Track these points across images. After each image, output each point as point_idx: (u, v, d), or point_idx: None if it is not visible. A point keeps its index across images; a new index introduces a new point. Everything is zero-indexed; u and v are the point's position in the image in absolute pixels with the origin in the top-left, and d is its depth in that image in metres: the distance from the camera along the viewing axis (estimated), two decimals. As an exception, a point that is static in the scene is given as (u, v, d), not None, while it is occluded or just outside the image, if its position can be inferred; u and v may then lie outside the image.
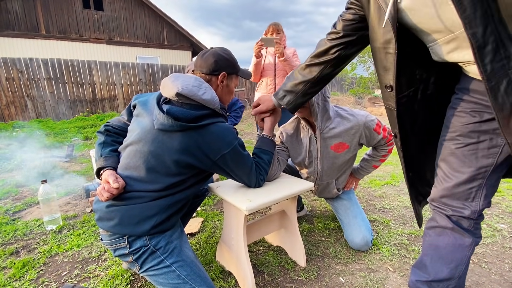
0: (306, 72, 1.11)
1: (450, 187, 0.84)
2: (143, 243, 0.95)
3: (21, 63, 6.28)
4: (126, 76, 7.57)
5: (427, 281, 0.92)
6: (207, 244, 1.61)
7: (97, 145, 1.10)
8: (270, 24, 2.34)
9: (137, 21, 11.00)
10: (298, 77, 1.14)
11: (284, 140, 1.55)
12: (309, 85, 1.13)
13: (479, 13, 0.61)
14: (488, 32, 0.62)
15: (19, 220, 1.95)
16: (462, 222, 0.85)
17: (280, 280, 1.32)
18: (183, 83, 0.99)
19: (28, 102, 6.47)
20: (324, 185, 1.60)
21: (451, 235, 0.87)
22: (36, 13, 9.16)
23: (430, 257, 0.91)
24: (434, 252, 0.90)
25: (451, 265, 0.87)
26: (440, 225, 0.89)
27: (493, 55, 0.63)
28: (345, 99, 9.99)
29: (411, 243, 1.60)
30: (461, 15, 0.63)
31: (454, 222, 0.85)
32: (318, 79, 1.11)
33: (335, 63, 1.05)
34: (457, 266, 0.87)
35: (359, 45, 1.00)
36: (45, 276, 1.36)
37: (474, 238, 0.86)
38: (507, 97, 0.64)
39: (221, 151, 1.00)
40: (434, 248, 0.90)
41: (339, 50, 1.01)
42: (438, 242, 0.89)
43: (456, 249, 0.86)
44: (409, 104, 0.88)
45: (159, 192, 0.97)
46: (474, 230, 0.86)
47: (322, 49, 1.04)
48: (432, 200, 0.91)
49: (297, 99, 1.18)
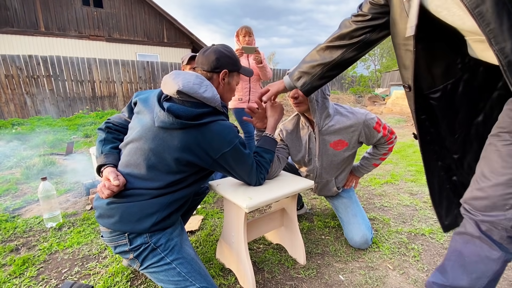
0: (326, 54, 1.05)
1: (486, 188, 0.73)
2: (143, 240, 0.96)
3: (20, 60, 6.26)
4: (126, 74, 7.55)
5: (444, 285, 0.84)
6: (207, 241, 1.62)
7: (98, 142, 1.10)
8: (242, 27, 2.49)
9: (137, 19, 10.95)
10: (317, 58, 1.07)
11: (284, 138, 1.55)
12: (327, 68, 1.07)
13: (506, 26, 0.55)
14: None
15: (19, 218, 1.95)
16: (493, 233, 0.74)
17: (280, 278, 1.32)
18: (184, 80, 0.98)
19: (28, 99, 6.45)
20: (323, 183, 1.60)
21: (478, 245, 0.77)
22: (35, 10, 9.10)
23: (452, 263, 0.84)
24: (457, 259, 0.83)
25: (472, 276, 0.78)
26: (467, 232, 0.79)
27: None
28: (345, 97, 9.98)
29: (411, 242, 1.61)
30: (484, 29, 0.57)
31: (482, 232, 0.75)
32: (338, 63, 1.05)
33: (359, 46, 0.99)
34: (478, 278, 0.78)
35: (386, 30, 0.92)
36: (45, 273, 1.36)
37: (504, 253, 0.74)
38: None
39: (221, 149, 1.00)
40: (457, 254, 0.83)
41: (364, 33, 0.95)
42: (463, 249, 0.81)
43: (480, 260, 0.77)
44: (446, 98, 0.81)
45: (160, 190, 0.97)
46: (506, 244, 0.74)
47: (346, 30, 0.97)
48: (464, 202, 0.81)
49: (313, 82, 1.12)
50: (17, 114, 6.36)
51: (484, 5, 0.55)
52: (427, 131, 0.89)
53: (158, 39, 11.54)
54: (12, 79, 6.21)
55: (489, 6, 0.55)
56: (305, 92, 1.17)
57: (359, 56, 1.05)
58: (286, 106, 7.18)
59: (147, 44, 11.32)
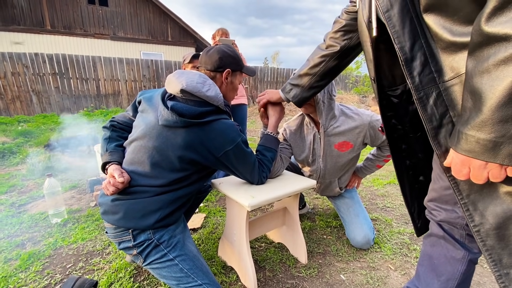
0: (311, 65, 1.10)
1: (439, 188, 0.80)
2: (147, 236, 0.97)
3: (26, 58, 6.32)
4: (130, 72, 7.58)
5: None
6: (209, 239, 1.63)
7: (103, 140, 1.12)
8: (218, 29, 2.49)
9: (142, 17, 11.00)
10: (304, 70, 1.13)
11: (288, 137, 1.55)
12: (315, 79, 1.12)
13: (407, 29, 0.64)
14: (417, 47, 0.64)
15: (24, 213, 1.98)
16: (453, 231, 0.81)
17: (281, 276, 1.33)
18: (187, 79, 0.99)
19: (33, 97, 6.52)
20: (326, 184, 1.60)
21: (444, 245, 0.83)
22: (41, 8, 9.18)
23: (424, 268, 0.89)
24: (428, 263, 0.88)
25: (441, 278, 0.84)
26: (433, 233, 0.85)
27: (422, 68, 0.64)
28: (349, 97, 9.93)
29: (413, 243, 1.60)
30: (390, 30, 0.66)
31: (445, 231, 0.82)
32: (324, 72, 1.09)
33: (340, 55, 1.04)
34: (448, 280, 0.83)
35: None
36: (50, 268, 1.38)
37: (467, 252, 0.80)
38: (436, 109, 0.64)
39: (224, 147, 1.01)
40: (428, 258, 0.88)
41: (344, 40, 1.00)
42: (431, 252, 0.86)
43: (447, 261, 0.82)
44: (406, 96, 0.85)
45: (163, 187, 0.98)
46: (468, 243, 0.81)
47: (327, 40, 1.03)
48: (425, 204, 0.88)
49: (303, 93, 1.17)
50: (23, 111, 6.44)
51: (392, 10, 0.65)
52: (394, 128, 0.92)
53: (162, 38, 11.58)
54: (18, 77, 6.28)
55: (396, 12, 0.65)
56: (296, 103, 1.22)
57: (344, 64, 1.10)
58: (290, 105, 7.17)
59: (152, 43, 11.37)
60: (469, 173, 0.57)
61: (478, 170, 0.54)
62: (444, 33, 0.59)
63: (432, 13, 0.61)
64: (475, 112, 0.51)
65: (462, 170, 0.58)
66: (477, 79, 0.50)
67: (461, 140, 0.55)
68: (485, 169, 0.53)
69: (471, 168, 0.56)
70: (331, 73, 1.11)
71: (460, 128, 0.55)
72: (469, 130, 0.52)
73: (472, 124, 0.52)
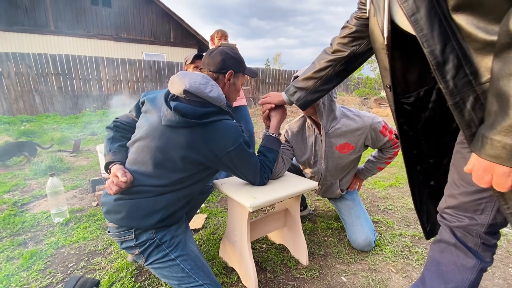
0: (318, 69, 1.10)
1: (457, 195, 0.77)
2: (149, 236, 0.97)
3: (29, 58, 6.37)
4: (133, 73, 7.62)
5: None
6: (211, 240, 1.63)
7: (106, 140, 1.13)
8: (217, 30, 2.46)
9: (144, 18, 11.05)
10: (310, 73, 1.13)
11: (289, 139, 1.55)
12: (320, 82, 1.11)
13: (436, 32, 0.61)
14: (448, 49, 0.61)
15: (27, 212, 1.99)
16: (467, 239, 0.77)
17: (282, 278, 1.33)
18: (190, 80, 1.00)
19: (36, 96, 6.56)
20: (328, 185, 1.60)
21: (454, 252, 0.80)
22: (45, 9, 9.25)
23: (431, 274, 0.86)
24: (435, 269, 0.85)
25: (449, 285, 0.80)
26: (443, 239, 0.82)
27: (455, 72, 0.61)
28: (351, 99, 9.93)
29: (414, 245, 1.60)
30: (418, 34, 0.64)
31: (458, 238, 0.79)
32: (330, 76, 1.09)
33: (347, 60, 1.04)
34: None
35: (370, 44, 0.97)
36: (52, 267, 1.39)
37: (479, 261, 0.76)
38: (474, 114, 0.61)
39: (226, 148, 1.01)
40: (435, 264, 0.85)
41: (353, 46, 1.00)
42: (440, 258, 0.83)
43: (457, 269, 0.79)
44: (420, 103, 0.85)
45: (166, 187, 0.99)
46: (481, 252, 0.77)
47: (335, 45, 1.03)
48: (439, 209, 0.84)
49: (307, 96, 1.17)
50: (26, 111, 6.48)
51: (419, 13, 0.62)
52: (406, 134, 0.91)
53: (165, 39, 11.63)
54: (21, 77, 6.33)
55: (423, 15, 0.62)
56: (300, 106, 1.22)
57: (351, 69, 1.09)
58: (292, 107, 7.17)
59: (154, 44, 11.42)
60: (491, 181, 0.54)
61: (501, 178, 0.52)
62: (479, 33, 0.56)
63: (464, 13, 0.57)
64: (502, 116, 0.49)
65: (484, 177, 0.55)
66: (504, 81, 0.48)
67: (485, 145, 0.52)
68: (509, 177, 0.51)
69: (494, 176, 0.53)
70: (337, 77, 1.11)
71: (484, 133, 0.53)
72: (495, 134, 0.50)
73: (498, 129, 0.49)
